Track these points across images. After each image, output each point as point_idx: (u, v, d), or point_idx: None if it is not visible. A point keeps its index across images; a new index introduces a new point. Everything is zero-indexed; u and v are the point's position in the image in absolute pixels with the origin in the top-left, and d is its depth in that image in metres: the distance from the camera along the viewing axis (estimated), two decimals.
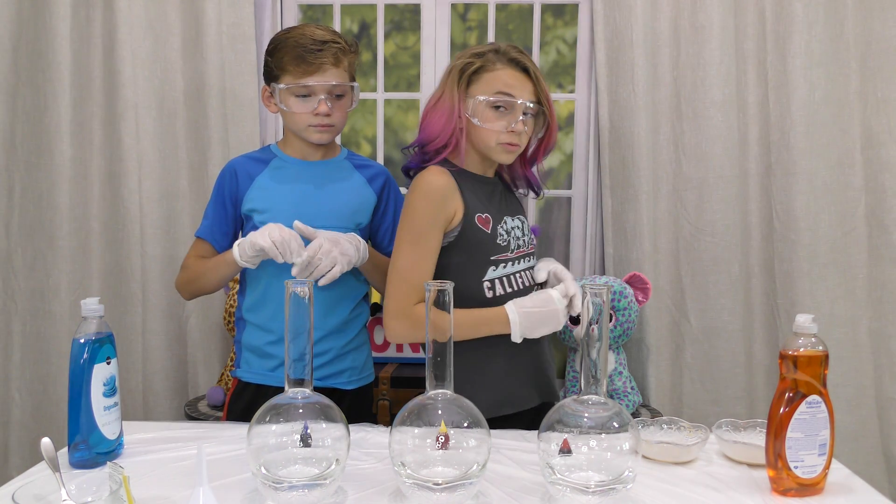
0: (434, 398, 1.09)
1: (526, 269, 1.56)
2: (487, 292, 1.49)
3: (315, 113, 1.57)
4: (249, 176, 1.64)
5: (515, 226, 1.56)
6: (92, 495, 1.03)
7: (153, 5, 2.31)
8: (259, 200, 1.62)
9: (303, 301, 1.09)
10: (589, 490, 1.04)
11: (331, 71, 1.57)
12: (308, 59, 1.54)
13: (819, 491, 1.15)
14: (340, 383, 1.64)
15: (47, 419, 2.38)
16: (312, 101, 1.57)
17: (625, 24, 2.27)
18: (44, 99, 2.31)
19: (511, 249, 1.53)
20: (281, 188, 1.63)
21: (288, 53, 1.55)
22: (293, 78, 1.56)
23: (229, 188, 1.65)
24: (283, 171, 1.65)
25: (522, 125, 1.49)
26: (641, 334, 2.33)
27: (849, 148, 2.24)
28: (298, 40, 1.55)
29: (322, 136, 1.62)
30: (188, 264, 1.66)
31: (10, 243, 2.35)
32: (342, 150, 1.74)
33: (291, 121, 1.61)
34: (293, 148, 1.67)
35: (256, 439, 1.07)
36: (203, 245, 1.66)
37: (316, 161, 1.67)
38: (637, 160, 2.28)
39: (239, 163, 1.67)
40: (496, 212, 1.53)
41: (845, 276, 2.26)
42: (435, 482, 1.04)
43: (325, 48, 1.55)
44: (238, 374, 1.66)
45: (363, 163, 1.75)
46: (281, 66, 1.57)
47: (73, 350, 1.20)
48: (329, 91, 1.58)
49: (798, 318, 1.15)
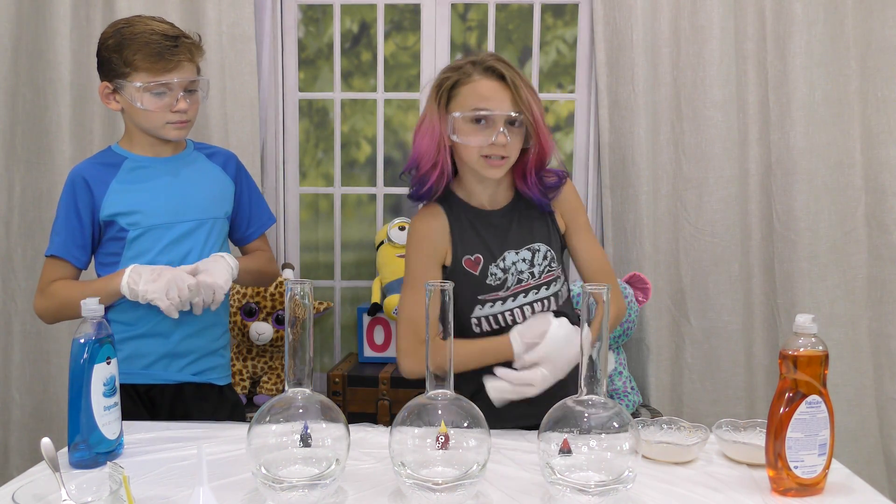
0: (434, 398, 1.09)
1: (533, 301, 1.50)
2: (475, 328, 1.50)
3: (174, 110, 1.54)
4: (103, 182, 1.57)
5: (519, 259, 1.50)
6: (92, 495, 1.03)
7: (153, 5, 2.31)
8: (122, 204, 1.56)
9: (303, 301, 1.09)
10: (589, 490, 1.04)
11: (186, 66, 1.54)
12: (166, 57, 1.50)
13: (819, 491, 1.15)
14: (214, 378, 1.66)
15: (47, 419, 2.38)
16: (169, 97, 1.53)
17: (625, 24, 2.27)
18: (44, 99, 2.31)
19: (507, 287, 1.49)
20: (143, 188, 1.58)
21: (141, 51, 1.49)
22: (150, 75, 1.50)
23: (82, 198, 1.56)
24: (140, 171, 1.59)
25: (504, 137, 1.41)
26: (641, 334, 2.32)
27: (849, 148, 2.24)
28: (149, 37, 1.50)
29: (180, 132, 1.58)
30: (54, 291, 1.54)
31: (10, 243, 2.35)
32: (187, 142, 1.69)
33: (145, 119, 1.54)
34: (142, 146, 1.61)
35: (256, 439, 1.07)
36: (60, 265, 1.57)
37: (169, 157, 1.63)
38: (637, 160, 2.28)
39: (86, 170, 1.59)
40: (494, 248, 1.50)
41: (845, 276, 2.26)
42: (435, 482, 1.04)
43: (180, 44, 1.53)
44: None
45: (211, 150, 1.72)
46: (131, 62, 1.50)
47: (73, 350, 1.20)
48: (185, 87, 1.55)
49: (798, 318, 1.15)
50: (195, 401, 1.63)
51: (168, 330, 1.58)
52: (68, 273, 1.57)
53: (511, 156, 1.46)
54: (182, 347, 1.60)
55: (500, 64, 1.44)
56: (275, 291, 2.28)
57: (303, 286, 1.09)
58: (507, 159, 1.45)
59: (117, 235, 1.57)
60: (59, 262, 1.57)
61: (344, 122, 2.58)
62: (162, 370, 1.60)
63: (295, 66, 2.51)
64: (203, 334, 1.63)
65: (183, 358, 1.61)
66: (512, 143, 1.43)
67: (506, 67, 1.44)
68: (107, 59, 1.54)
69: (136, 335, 1.58)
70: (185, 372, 1.62)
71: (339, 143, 2.55)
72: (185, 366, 1.61)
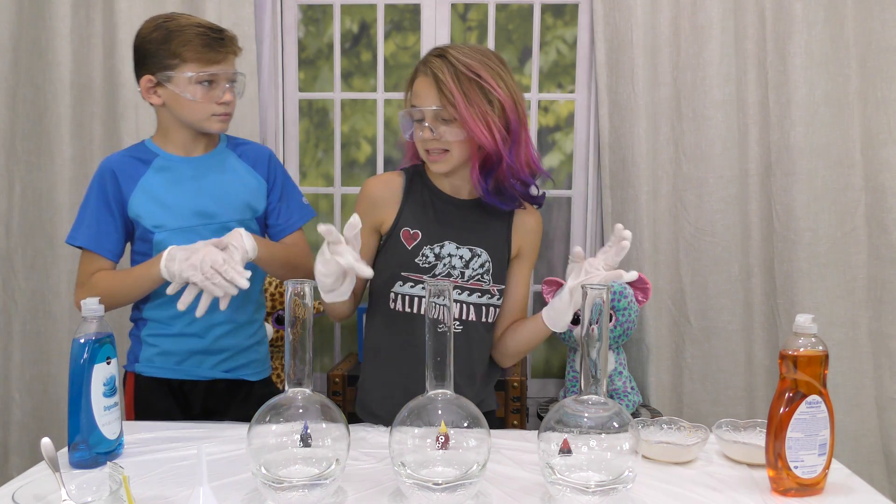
0: (434, 398, 1.09)
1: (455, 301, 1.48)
2: (391, 303, 1.51)
3: (220, 102, 1.54)
4: (132, 178, 1.57)
5: (457, 255, 1.50)
6: (92, 495, 1.03)
7: (153, 5, 2.31)
8: (147, 207, 1.56)
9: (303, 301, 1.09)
10: (589, 490, 1.04)
11: (231, 59, 1.56)
12: (215, 48, 1.52)
13: (819, 491, 1.15)
14: (247, 375, 1.67)
15: (47, 419, 2.38)
16: (216, 88, 1.54)
17: (625, 24, 2.27)
18: (44, 99, 2.32)
19: (434, 274, 1.49)
20: (171, 191, 1.58)
21: (191, 42, 1.50)
22: (199, 66, 1.51)
23: (112, 191, 1.56)
24: (169, 171, 1.59)
25: (429, 132, 1.43)
26: (641, 334, 2.33)
27: (849, 148, 2.24)
28: (196, 29, 1.51)
29: (223, 125, 1.58)
30: (95, 283, 1.53)
31: (10, 243, 2.36)
32: (221, 137, 1.68)
33: (190, 111, 1.54)
34: (175, 143, 1.61)
35: (256, 439, 1.07)
36: (95, 257, 1.56)
37: (200, 156, 1.62)
38: (637, 160, 2.28)
39: (117, 163, 1.58)
40: (436, 231, 1.50)
41: (845, 276, 2.26)
42: (435, 482, 1.04)
43: (226, 38, 1.55)
44: (138, 370, 1.62)
45: (244, 147, 1.69)
46: (179, 54, 1.50)
47: (73, 350, 1.20)
48: (231, 80, 1.56)
49: (798, 318, 1.15)
50: (226, 397, 1.64)
51: (201, 330, 1.59)
52: (105, 265, 1.57)
53: (452, 150, 1.45)
54: (216, 346, 1.62)
55: (435, 58, 1.44)
56: (275, 291, 2.28)
57: (303, 286, 1.09)
58: (449, 153, 1.45)
59: (144, 236, 1.58)
60: (93, 255, 1.57)
61: (344, 122, 2.58)
62: (194, 367, 1.62)
63: (295, 66, 2.51)
64: (237, 333, 1.64)
65: (215, 355, 1.62)
66: (446, 137, 1.43)
67: (438, 62, 1.43)
68: (152, 52, 1.53)
69: (170, 333, 1.60)
70: (217, 369, 1.63)
71: (339, 143, 2.55)
72: (217, 363, 1.62)
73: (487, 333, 1.56)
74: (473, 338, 1.52)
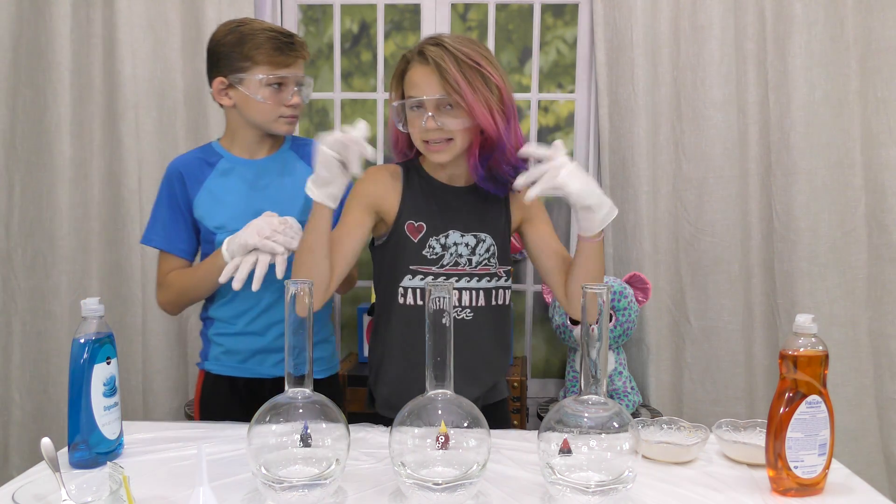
0: (434, 398, 1.09)
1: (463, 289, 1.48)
2: (400, 298, 1.49)
3: (289, 104, 1.58)
4: (197, 179, 1.62)
5: (463, 242, 1.50)
6: (92, 495, 1.03)
7: (153, 5, 2.31)
8: (211, 207, 1.61)
9: (303, 300, 1.09)
10: (589, 490, 1.04)
11: (300, 63, 1.60)
12: (285, 52, 1.56)
13: (819, 491, 1.15)
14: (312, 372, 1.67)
15: (47, 419, 2.38)
16: (285, 91, 1.58)
17: (625, 24, 2.27)
18: (44, 99, 2.32)
19: (442, 264, 1.48)
20: (232, 193, 1.61)
21: (263, 45, 1.55)
22: (270, 68, 1.55)
23: (180, 192, 1.61)
24: (232, 174, 1.63)
25: (433, 122, 1.41)
26: (641, 334, 2.33)
27: (849, 148, 2.24)
28: (269, 33, 1.56)
29: (291, 126, 1.62)
30: (170, 281, 1.61)
31: (10, 243, 2.36)
32: (285, 139, 1.70)
33: (260, 113, 1.58)
34: (241, 146, 1.65)
35: (256, 439, 1.07)
36: (170, 257, 1.63)
37: (262, 158, 1.66)
38: (637, 160, 2.28)
39: (183, 165, 1.64)
40: (440, 222, 1.49)
41: (845, 276, 2.26)
42: (435, 482, 1.04)
43: (296, 42, 1.59)
44: (207, 367, 1.67)
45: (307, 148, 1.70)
46: (252, 56, 1.55)
47: (73, 350, 1.20)
48: (299, 83, 1.60)
49: (798, 318, 1.15)
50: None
51: (262, 328, 1.62)
52: (179, 264, 1.63)
53: (456, 139, 1.44)
54: (277, 344, 1.63)
55: (432, 47, 1.42)
56: None
57: (303, 286, 1.09)
58: (452, 142, 1.44)
59: (207, 237, 1.61)
60: (168, 256, 1.63)
61: (344, 122, 2.58)
62: (257, 365, 1.63)
63: None
64: None
65: (277, 353, 1.63)
66: (449, 126, 1.42)
67: (437, 50, 1.41)
68: (225, 55, 1.57)
69: (233, 332, 1.63)
70: (280, 367, 1.62)
71: None
72: (279, 361, 1.62)
73: (499, 316, 1.55)
74: (485, 323, 1.51)
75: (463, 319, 1.48)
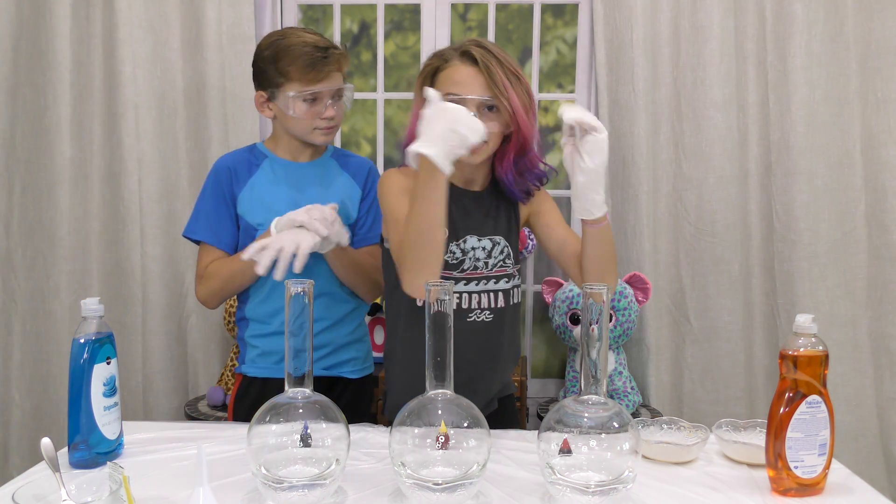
0: (434, 398, 1.09)
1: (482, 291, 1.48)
2: (419, 301, 1.46)
3: (323, 117, 1.61)
4: (243, 176, 1.65)
5: (480, 247, 1.49)
6: (92, 495, 1.03)
7: (153, 5, 2.31)
8: (253, 205, 1.63)
9: (303, 300, 1.09)
10: (589, 490, 1.04)
11: (335, 76, 1.61)
12: (318, 67, 1.57)
13: (819, 491, 1.15)
14: (345, 372, 1.69)
15: (47, 419, 2.38)
16: (319, 105, 1.60)
17: (625, 24, 2.27)
18: (44, 99, 2.31)
19: (462, 269, 1.47)
20: (274, 192, 1.64)
21: (296, 62, 1.56)
22: (302, 85, 1.58)
23: (227, 186, 1.64)
24: (276, 174, 1.66)
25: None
26: (641, 334, 2.33)
27: (849, 148, 2.24)
28: (302, 48, 1.57)
29: (327, 137, 1.65)
30: (211, 272, 1.62)
31: (10, 243, 2.35)
32: (328, 147, 1.74)
33: (296, 125, 1.62)
34: (285, 149, 1.68)
35: (256, 439, 1.07)
36: (212, 250, 1.65)
37: (305, 162, 1.69)
38: (637, 160, 2.28)
39: (232, 162, 1.67)
40: (459, 227, 1.49)
41: (845, 276, 2.26)
42: (435, 482, 1.04)
43: (330, 55, 1.59)
44: (244, 371, 1.68)
45: (347, 158, 1.76)
46: (285, 73, 1.58)
47: (73, 350, 1.20)
48: (333, 95, 1.61)
49: (798, 318, 1.15)
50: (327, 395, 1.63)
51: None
52: (221, 256, 1.65)
53: (490, 141, 1.43)
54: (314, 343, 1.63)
55: (477, 49, 1.43)
56: None
57: (303, 286, 1.09)
58: (486, 145, 1.42)
59: (248, 233, 1.63)
60: (211, 248, 1.65)
61: (344, 122, 2.57)
62: None
63: None
64: (334, 330, 1.66)
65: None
66: (491, 128, 1.41)
67: (483, 52, 1.42)
68: (263, 70, 1.62)
69: (268, 332, 1.64)
70: (315, 367, 1.63)
71: (339, 144, 2.54)
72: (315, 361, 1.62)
73: (514, 314, 1.56)
74: (504, 324, 1.52)
75: (483, 322, 1.48)
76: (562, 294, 2.27)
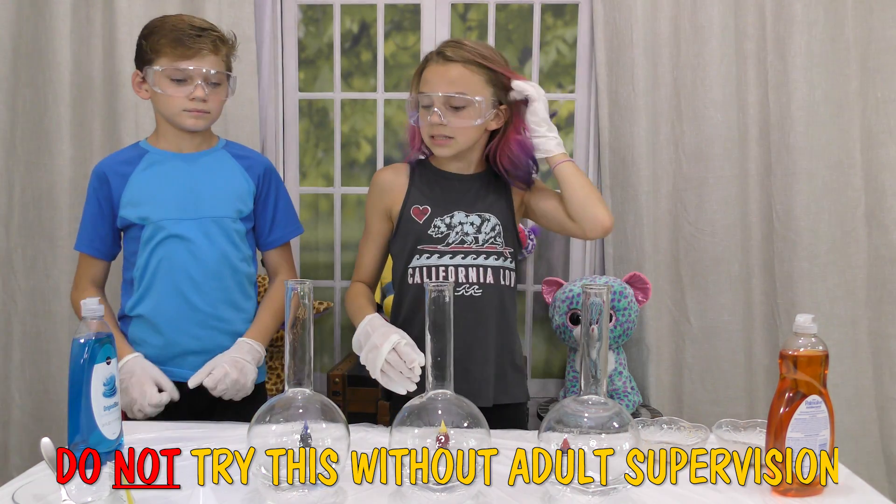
0: (434, 398, 1.09)
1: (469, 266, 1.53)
2: (409, 278, 1.55)
3: (191, 98, 1.57)
4: (122, 176, 1.62)
5: (468, 222, 1.55)
6: (92, 495, 1.03)
7: (153, 5, 2.31)
8: (136, 196, 1.61)
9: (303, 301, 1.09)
10: (589, 490, 1.04)
11: (209, 58, 1.58)
12: (186, 43, 1.55)
13: (819, 491, 1.15)
14: None
15: (47, 419, 2.38)
16: (189, 85, 1.57)
17: (625, 24, 2.27)
18: (44, 99, 2.31)
19: (447, 243, 1.54)
20: (157, 182, 1.62)
21: (165, 36, 1.55)
22: (170, 60, 1.55)
23: (102, 191, 1.63)
24: (159, 165, 1.64)
25: (438, 118, 1.48)
26: (641, 334, 2.32)
27: (849, 148, 2.24)
28: (177, 24, 1.56)
29: (197, 122, 1.60)
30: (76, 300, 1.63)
31: (10, 243, 2.35)
32: (220, 140, 1.72)
33: (164, 105, 1.59)
34: (167, 141, 1.65)
35: (256, 439, 1.07)
36: (86, 259, 1.67)
37: (192, 153, 1.66)
38: (637, 160, 2.28)
39: (107, 165, 1.65)
40: (445, 205, 1.56)
41: (845, 276, 2.26)
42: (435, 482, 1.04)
43: (204, 34, 1.57)
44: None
45: (243, 153, 1.73)
46: (157, 48, 1.56)
47: (73, 350, 1.20)
48: (206, 77, 1.57)
49: (798, 318, 1.15)
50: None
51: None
52: (96, 265, 1.68)
53: (458, 136, 1.50)
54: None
55: (450, 47, 1.50)
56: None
57: (303, 286, 1.09)
58: (454, 139, 1.51)
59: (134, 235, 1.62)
60: (86, 257, 1.67)
61: (344, 122, 2.58)
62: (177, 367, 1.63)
63: (295, 66, 2.51)
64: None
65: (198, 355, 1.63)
66: (454, 123, 1.49)
67: (451, 51, 1.49)
68: (139, 46, 1.61)
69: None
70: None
71: (339, 143, 2.55)
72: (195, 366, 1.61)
73: (507, 297, 1.59)
74: (493, 301, 1.56)
75: (472, 296, 1.53)
76: (562, 294, 2.27)
